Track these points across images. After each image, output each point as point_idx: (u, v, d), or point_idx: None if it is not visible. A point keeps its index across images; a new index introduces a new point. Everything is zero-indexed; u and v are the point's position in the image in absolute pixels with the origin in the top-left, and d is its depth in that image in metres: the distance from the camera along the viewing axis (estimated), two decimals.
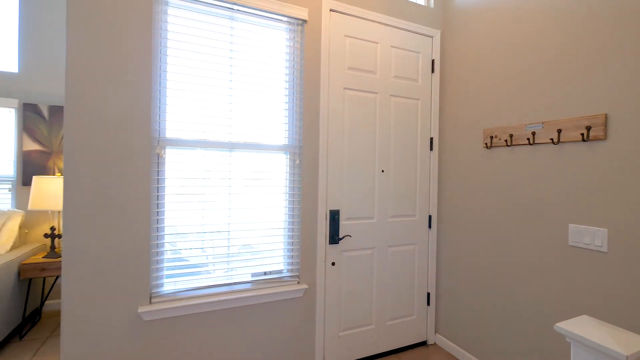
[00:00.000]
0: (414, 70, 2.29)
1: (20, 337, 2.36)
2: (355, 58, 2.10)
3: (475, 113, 2.10)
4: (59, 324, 2.58)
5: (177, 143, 1.71)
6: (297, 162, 1.96)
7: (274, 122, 1.95)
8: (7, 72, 2.78)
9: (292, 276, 1.94)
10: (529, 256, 1.76)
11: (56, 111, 2.85)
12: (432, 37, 2.35)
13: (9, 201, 2.78)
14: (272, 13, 1.89)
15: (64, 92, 2.90)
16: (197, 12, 1.76)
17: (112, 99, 1.54)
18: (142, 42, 1.59)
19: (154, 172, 1.64)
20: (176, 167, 1.72)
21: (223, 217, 1.81)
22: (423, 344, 2.34)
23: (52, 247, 2.50)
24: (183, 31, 1.73)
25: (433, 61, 2.35)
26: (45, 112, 2.82)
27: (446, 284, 2.27)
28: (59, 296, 2.88)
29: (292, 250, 1.95)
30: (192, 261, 1.75)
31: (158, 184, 1.67)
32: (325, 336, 1.98)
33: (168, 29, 1.70)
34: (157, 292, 1.65)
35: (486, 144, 1.99)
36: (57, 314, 2.77)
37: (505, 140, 1.87)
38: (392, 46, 2.21)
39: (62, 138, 2.87)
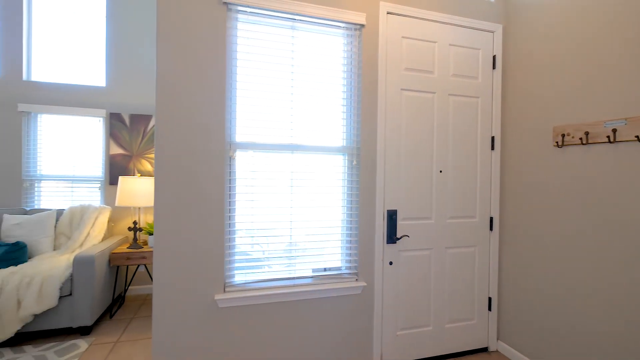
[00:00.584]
0: (473, 68, 2.23)
1: (111, 317, 2.71)
2: (412, 59, 2.10)
3: (543, 110, 1.98)
4: (140, 307, 2.92)
5: (245, 146, 1.86)
6: (355, 162, 2.02)
7: (332, 125, 2.02)
8: (97, 87, 3.20)
9: (350, 273, 2.00)
10: (608, 268, 1.63)
11: (135, 119, 3.22)
12: (493, 32, 2.27)
13: (98, 198, 3.20)
14: (330, 20, 1.97)
15: (142, 102, 3.27)
16: (262, 24, 1.90)
17: (193, 107, 1.73)
18: (217, 55, 1.76)
19: (227, 173, 1.81)
20: (244, 168, 1.87)
21: (285, 215, 1.93)
22: (484, 350, 2.26)
23: (135, 239, 2.84)
24: (249, 43, 1.87)
25: (494, 57, 2.26)
26: (127, 120, 3.21)
27: (510, 291, 2.17)
28: (140, 282, 3.25)
29: (351, 248, 2.01)
30: (257, 255, 1.89)
31: (230, 184, 1.83)
32: (383, 333, 2.02)
33: (237, 42, 1.85)
34: (230, 282, 1.82)
35: (557, 142, 1.88)
36: (138, 298, 3.13)
37: (580, 139, 1.75)
38: (450, 44, 2.18)
39: (140, 142, 3.24)
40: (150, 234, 2.88)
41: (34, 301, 2.21)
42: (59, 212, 2.84)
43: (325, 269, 1.97)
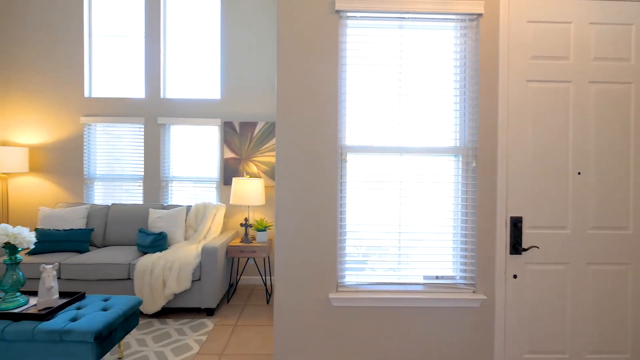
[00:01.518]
0: (624, 47, 1.84)
1: (227, 301, 3.07)
2: (540, 45, 1.84)
3: None
4: (249, 295, 3.25)
5: (355, 149, 1.88)
6: (474, 164, 1.86)
7: (443, 125, 1.91)
8: (213, 99, 3.66)
9: (466, 284, 1.86)
10: None
11: (244, 126, 3.58)
12: None
13: (214, 197, 3.66)
14: (441, 14, 1.86)
15: (249, 111, 3.62)
16: (370, 27, 1.90)
17: (309, 113, 1.83)
18: (330, 61, 1.83)
19: (339, 176, 1.86)
20: (353, 171, 1.90)
21: (394, 218, 1.90)
22: None
23: (245, 234, 3.16)
24: (356, 47, 1.89)
25: None
26: (237, 127, 3.59)
27: None
28: (248, 273, 3.61)
29: (466, 257, 1.87)
30: (366, 258, 1.90)
31: (341, 186, 1.88)
32: (506, 355, 1.82)
33: (346, 48, 1.89)
34: (342, 283, 1.87)
35: None
36: (247, 287, 3.49)
37: None
38: (590, 23, 1.84)
39: (248, 147, 3.59)
40: (259, 230, 3.16)
41: (174, 282, 2.65)
42: (188, 208, 3.34)
43: (437, 277, 1.87)
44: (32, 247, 2.03)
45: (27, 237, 2.00)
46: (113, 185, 3.72)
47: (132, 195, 3.71)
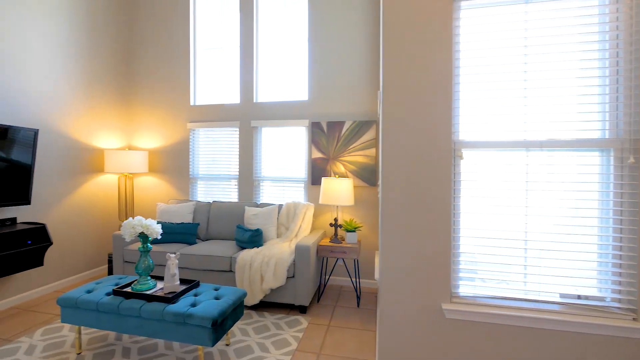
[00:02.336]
0: None
1: (318, 300, 3.10)
2: None
3: None
4: (338, 296, 3.23)
5: (471, 145, 1.68)
6: (632, 159, 1.50)
7: (583, 114, 1.58)
8: (301, 101, 3.75)
9: (622, 308, 1.51)
10: None
11: (331, 126, 3.59)
12: None
13: (302, 196, 3.74)
14: None
15: (336, 111, 3.62)
16: (489, 6, 1.67)
17: (418, 107, 1.69)
18: (442, 49, 1.66)
19: (452, 175, 1.69)
20: (469, 169, 1.70)
21: (519, 223, 1.64)
22: None
23: (335, 234, 3.15)
24: (472, 30, 1.68)
25: None
26: (325, 127, 3.61)
27: None
28: (337, 274, 3.59)
29: (621, 274, 1.51)
30: (485, 267, 1.68)
31: (454, 186, 1.70)
32: None
33: (459, 33, 1.70)
34: (456, 293, 1.69)
35: None
36: (335, 287, 3.48)
37: None
38: None
39: (335, 146, 3.58)
40: (348, 230, 3.12)
41: (271, 278, 2.76)
42: (279, 207, 3.48)
43: (579, 297, 1.56)
44: (159, 237, 2.29)
45: (156, 228, 2.28)
46: (212, 184, 4.09)
47: (228, 193, 4.02)
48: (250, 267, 2.82)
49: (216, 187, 4.07)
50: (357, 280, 3.08)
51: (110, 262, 3.69)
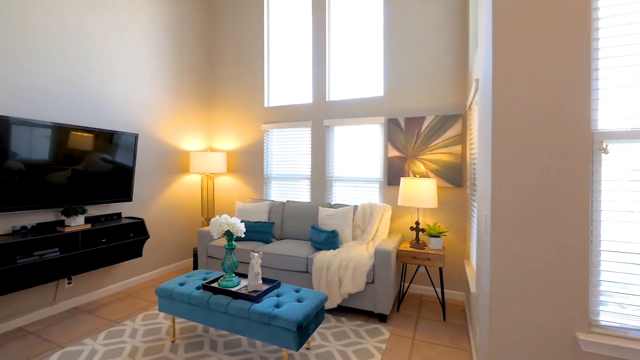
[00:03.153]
0: None
1: (397, 309, 2.89)
2: None
3: None
4: (420, 307, 2.97)
5: (617, 135, 1.33)
6: None
7: None
8: (376, 97, 3.57)
9: None
10: None
11: (410, 122, 3.34)
12: None
13: (377, 197, 3.56)
14: None
15: (415, 106, 3.36)
16: None
17: (542, 94, 1.40)
18: (576, 19, 1.35)
19: (590, 174, 1.36)
20: (615, 166, 1.35)
21: None
22: None
23: (417, 239, 2.90)
24: None
25: None
26: (402, 124, 3.38)
27: None
28: (418, 282, 3.33)
29: None
30: (637, 290, 1.32)
31: (593, 187, 1.37)
32: None
33: None
34: (596, 321, 1.35)
35: None
36: (415, 296, 3.22)
37: None
38: None
39: (414, 144, 3.33)
40: (432, 235, 2.85)
41: (350, 282, 2.64)
42: (355, 208, 3.35)
43: None
44: (242, 236, 2.33)
45: (240, 227, 2.32)
46: (285, 184, 4.14)
47: (301, 193, 4.03)
48: (327, 270, 2.74)
49: (288, 187, 4.11)
50: (442, 290, 2.79)
51: (195, 255, 3.96)
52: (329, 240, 2.99)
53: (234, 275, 2.37)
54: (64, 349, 2.32)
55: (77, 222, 2.78)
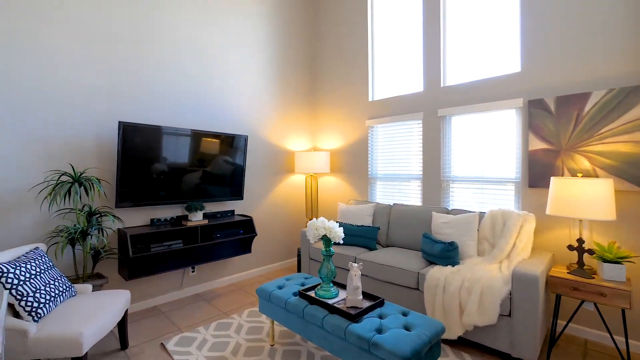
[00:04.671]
0: None
1: (548, 356, 2.11)
2: None
3: None
4: (585, 355, 2.11)
5: None
6: None
7: None
8: (509, 74, 2.78)
9: None
10: None
11: (563, 102, 2.46)
12: None
13: (512, 203, 2.77)
14: None
15: (573, 79, 2.46)
16: None
17: None
18: None
19: None
20: None
21: None
22: None
23: (580, 262, 2.07)
24: None
25: None
26: (552, 105, 2.52)
27: None
28: (580, 321, 2.41)
29: None
30: None
31: None
32: None
33: None
34: None
35: None
36: (574, 340, 2.33)
37: None
38: None
39: (571, 132, 2.44)
40: (608, 260, 1.98)
41: (474, 310, 2.05)
42: (480, 215, 2.68)
43: None
44: (341, 242, 2.05)
45: (338, 232, 2.05)
46: (392, 185, 3.72)
47: (409, 195, 3.53)
48: (444, 291, 2.21)
49: (395, 188, 3.67)
50: (626, 340, 1.89)
51: (299, 256, 3.95)
52: (446, 253, 2.43)
53: (331, 284, 2.13)
54: (183, 333, 2.51)
55: (197, 218, 3.05)
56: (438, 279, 2.25)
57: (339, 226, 3.29)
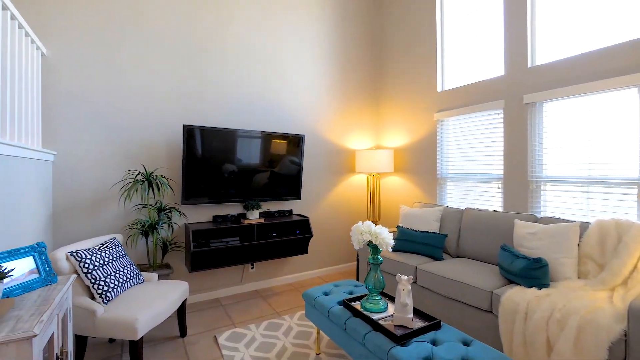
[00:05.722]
0: None
1: None
2: None
3: None
4: None
5: None
6: None
7: None
8: (625, 42, 2.10)
9: None
10: None
11: None
12: None
13: (635, 210, 2.08)
14: None
15: None
16: None
17: None
18: None
19: None
20: None
21: None
22: None
23: None
24: None
25: None
26: None
27: None
28: None
29: None
30: None
31: None
32: None
33: None
34: None
35: None
36: None
37: None
38: None
39: None
40: None
41: (569, 349, 1.56)
42: (583, 226, 2.09)
43: None
44: (390, 250, 1.79)
45: (386, 238, 1.80)
46: (465, 186, 3.22)
47: (488, 199, 3.00)
48: (525, 318, 1.75)
49: (470, 190, 3.17)
50: None
51: (358, 260, 3.73)
52: (531, 272, 1.94)
53: (379, 297, 1.88)
54: (235, 328, 2.56)
55: (254, 216, 3.10)
56: (518, 303, 1.80)
57: (398, 230, 2.97)
